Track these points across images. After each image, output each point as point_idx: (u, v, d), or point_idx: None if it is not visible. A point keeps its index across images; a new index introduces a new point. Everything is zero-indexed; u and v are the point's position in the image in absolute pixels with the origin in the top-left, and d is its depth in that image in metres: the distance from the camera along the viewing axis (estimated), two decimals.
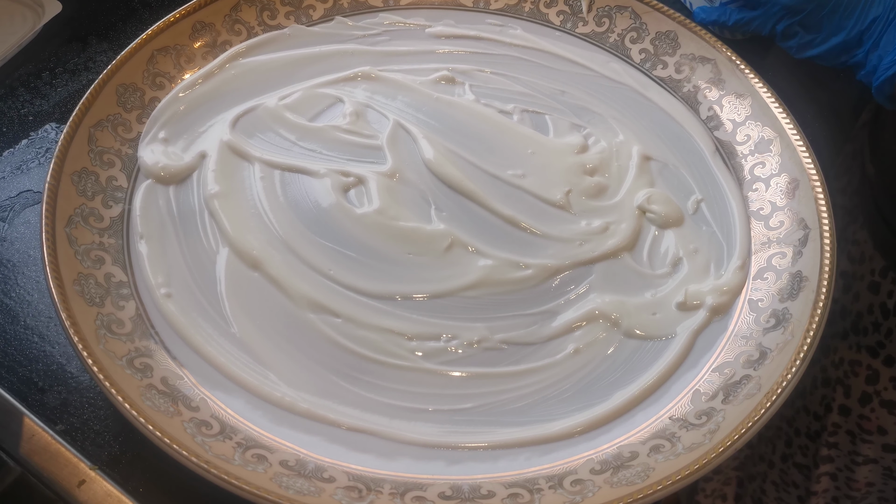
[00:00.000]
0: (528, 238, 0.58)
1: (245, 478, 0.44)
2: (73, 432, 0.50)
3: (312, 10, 0.69)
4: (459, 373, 0.51)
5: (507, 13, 0.71)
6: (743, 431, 0.46)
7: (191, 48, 0.65)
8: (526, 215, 0.59)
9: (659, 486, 0.44)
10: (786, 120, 0.60)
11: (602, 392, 0.50)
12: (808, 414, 0.73)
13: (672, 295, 0.55)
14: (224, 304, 0.53)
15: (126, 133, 0.60)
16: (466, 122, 0.64)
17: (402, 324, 0.53)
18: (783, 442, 0.76)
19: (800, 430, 0.74)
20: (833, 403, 0.70)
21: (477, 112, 0.64)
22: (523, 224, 0.58)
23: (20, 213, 0.60)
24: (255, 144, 0.61)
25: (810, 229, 0.55)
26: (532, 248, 0.57)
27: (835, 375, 0.69)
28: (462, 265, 0.56)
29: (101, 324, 0.50)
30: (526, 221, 0.58)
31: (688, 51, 0.66)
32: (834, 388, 0.70)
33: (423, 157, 0.61)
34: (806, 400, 0.73)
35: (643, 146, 0.62)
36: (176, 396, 0.48)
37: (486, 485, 0.46)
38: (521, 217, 0.59)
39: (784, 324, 0.51)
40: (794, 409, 0.74)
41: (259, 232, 0.57)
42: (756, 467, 0.81)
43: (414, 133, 0.62)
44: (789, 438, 0.76)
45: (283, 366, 0.51)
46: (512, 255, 0.56)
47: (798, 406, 0.74)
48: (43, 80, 0.68)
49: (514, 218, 0.58)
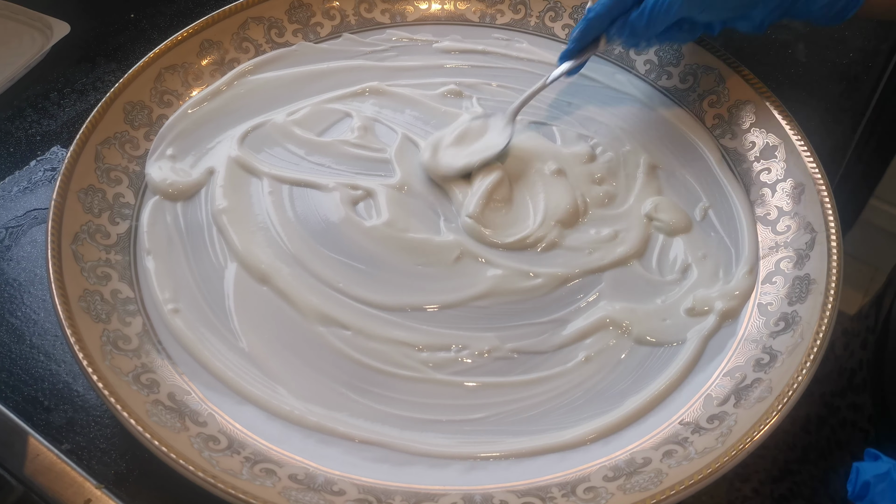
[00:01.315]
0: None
1: (253, 492, 0.43)
2: (78, 451, 0.49)
3: (320, 27, 0.70)
4: (470, 383, 0.51)
5: (513, 27, 0.72)
6: (755, 434, 0.45)
7: (198, 66, 0.65)
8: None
9: (672, 492, 0.43)
10: (790, 126, 0.60)
11: (614, 399, 0.50)
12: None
13: (682, 301, 0.54)
14: (232, 318, 0.53)
15: (133, 150, 0.60)
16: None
17: (413, 335, 0.53)
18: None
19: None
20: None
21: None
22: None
23: (27, 231, 0.60)
24: (263, 160, 0.62)
25: (817, 233, 0.55)
26: (541, 256, 0.57)
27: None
28: (472, 275, 0.55)
29: (107, 340, 0.50)
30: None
31: (692, 61, 0.66)
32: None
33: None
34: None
35: (650, 155, 0.62)
36: (183, 412, 0.48)
37: (499, 494, 0.45)
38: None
39: (793, 326, 0.51)
40: (821, 470, 0.73)
41: (268, 246, 0.57)
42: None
43: (422, 146, 0.62)
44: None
45: (292, 379, 0.50)
46: (521, 264, 0.56)
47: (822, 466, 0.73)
48: (51, 100, 0.68)
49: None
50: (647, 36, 0.58)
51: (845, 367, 0.69)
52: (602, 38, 0.60)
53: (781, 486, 0.78)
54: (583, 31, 0.60)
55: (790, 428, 0.75)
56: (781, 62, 0.72)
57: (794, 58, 0.73)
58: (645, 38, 0.58)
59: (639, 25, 0.57)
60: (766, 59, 0.72)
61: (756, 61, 0.65)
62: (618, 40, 0.60)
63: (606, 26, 0.59)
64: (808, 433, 0.74)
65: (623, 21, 0.58)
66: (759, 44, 0.73)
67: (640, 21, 0.56)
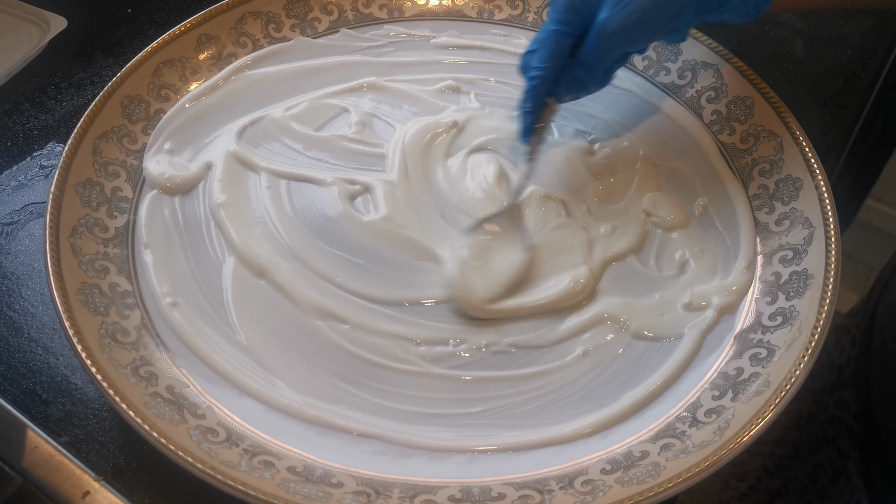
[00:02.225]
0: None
1: (252, 484, 0.43)
2: (77, 444, 0.49)
3: (318, 22, 0.70)
4: (468, 377, 0.51)
5: (511, 23, 0.72)
6: (752, 428, 0.45)
7: (196, 60, 0.65)
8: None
9: (670, 484, 0.43)
10: (787, 122, 0.60)
11: (611, 393, 0.50)
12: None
13: (679, 296, 0.54)
14: (230, 312, 0.53)
15: (131, 144, 0.60)
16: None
17: (411, 329, 0.53)
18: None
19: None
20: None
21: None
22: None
23: (24, 226, 0.60)
24: (261, 154, 0.62)
25: (815, 228, 0.55)
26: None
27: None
28: None
29: (106, 332, 0.50)
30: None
31: (690, 57, 0.66)
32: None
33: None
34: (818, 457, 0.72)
35: (648, 151, 0.62)
36: (181, 404, 0.48)
37: (497, 487, 0.45)
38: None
39: (791, 321, 0.51)
40: (811, 467, 0.73)
41: (265, 240, 0.56)
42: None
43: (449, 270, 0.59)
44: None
45: (290, 372, 0.50)
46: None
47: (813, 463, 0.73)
48: (48, 95, 0.68)
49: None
50: (594, 80, 0.56)
51: (835, 363, 0.69)
52: (551, 101, 0.58)
53: (776, 481, 0.79)
54: (533, 100, 0.57)
55: (786, 423, 0.75)
56: (780, 59, 0.73)
57: (792, 54, 0.74)
58: (592, 84, 0.56)
59: (582, 74, 0.55)
60: (764, 55, 0.72)
61: (754, 58, 0.65)
62: (567, 97, 0.57)
63: (551, 87, 0.57)
64: (799, 429, 0.74)
65: (567, 76, 0.56)
66: (758, 40, 0.73)
67: (581, 70, 0.55)
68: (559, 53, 0.55)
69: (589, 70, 0.54)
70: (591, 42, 0.53)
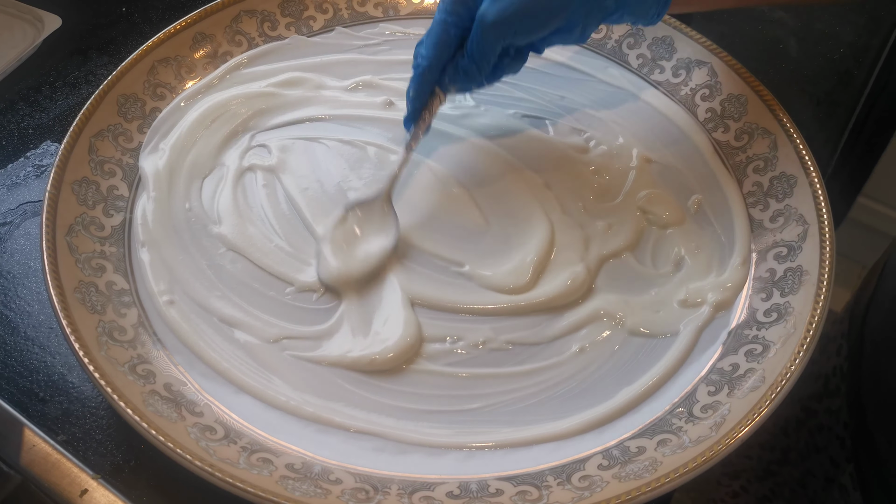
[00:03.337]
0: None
1: (250, 481, 0.43)
2: (74, 442, 0.49)
3: (313, 20, 0.70)
4: (465, 374, 0.51)
5: None
6: (748, 423, 0.46)
7: (192, 59, 0.65)
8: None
9: (667, 479, 0.44)
10: (782, 118, 0.60)
11: (608, 390, 0.50)
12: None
13: (675, 293, 0.55)
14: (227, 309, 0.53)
15: (127, 143, 0.60)
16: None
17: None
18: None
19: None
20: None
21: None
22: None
23: (20, 225, 0.60)
24: (256, 153, 0.62)
25: (809, 224, 0.55)
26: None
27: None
28: None
29: (103, 331, 0.50)
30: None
31: (684, 55, 0.66)
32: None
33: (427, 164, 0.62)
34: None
35: (643, 148, 0.63)
36: (179, 402, 0.48)
37: (495, 483, 0.45)
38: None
39: (786, 317, 0.51)
40: (801, 473, 0.73)
41: (263, 237, 0.57)
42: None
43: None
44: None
45: (287, 370, 0.51)
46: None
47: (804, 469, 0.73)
48: (43, 93, 0.68)
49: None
50: (479, 73, 0.55)
51: (821, 372, 0.69)
52: (437, 91, 0.57)
53: (764, 485, 0.79)
54: (417, 87, 0.57)
55: (771, 428, 0.75)
56: (773, 57, 0.73)
57: (785, 52, 0.74)
58: (477, 76, 0.56)
59: (467, 65, 0.55)
60: (758, 53, 0.72)
61: (748, 56, 0.65)
62: (453, 88, 0.57)
63: (437, 77, 0.57)
64: (786, 435, 0.74)
65: (453, 66, 0.56)
66: (752, 39, 0.73)
67: (466, 60, 0.55)
68: (445, 43, 0.55)
69: (473, 61, 0.55)
70: (473, 33, 0.54)
